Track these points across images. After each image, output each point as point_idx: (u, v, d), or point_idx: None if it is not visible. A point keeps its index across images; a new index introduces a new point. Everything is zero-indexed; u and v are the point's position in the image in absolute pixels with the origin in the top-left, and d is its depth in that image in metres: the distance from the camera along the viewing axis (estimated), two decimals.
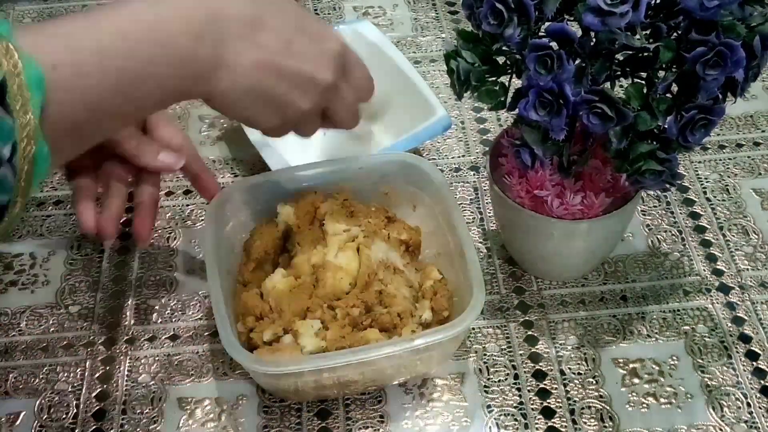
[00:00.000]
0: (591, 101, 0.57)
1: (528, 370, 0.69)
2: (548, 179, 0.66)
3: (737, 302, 0.73)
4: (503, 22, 0.56)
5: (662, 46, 0.56)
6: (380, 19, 1.02)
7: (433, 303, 0.67)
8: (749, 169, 0.84)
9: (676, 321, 0.72)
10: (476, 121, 0.90)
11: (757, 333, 0.71)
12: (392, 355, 0.61)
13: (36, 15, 1.04)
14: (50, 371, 0.70)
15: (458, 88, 0.61)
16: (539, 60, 0.56)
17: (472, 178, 0.84)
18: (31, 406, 0.68)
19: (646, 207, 0.81)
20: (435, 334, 0.61)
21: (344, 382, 0.65)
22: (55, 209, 0.83)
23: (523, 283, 0.75)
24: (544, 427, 0.65)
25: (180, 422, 0.67)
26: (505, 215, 0.72)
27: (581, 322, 0.72)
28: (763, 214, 0.80)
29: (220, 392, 0.68)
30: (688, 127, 0.57)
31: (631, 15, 0.53)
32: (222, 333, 0.61)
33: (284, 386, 0.65)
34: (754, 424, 0.65)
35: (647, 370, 0.69)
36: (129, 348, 0.71)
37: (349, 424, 0.66)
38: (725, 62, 0.54)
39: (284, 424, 0.66)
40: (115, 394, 0.68)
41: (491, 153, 0.71)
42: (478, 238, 0.78)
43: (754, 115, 0.90)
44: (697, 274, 0.75)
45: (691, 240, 0.78)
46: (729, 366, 0.69)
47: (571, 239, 0.69)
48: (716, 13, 0.54)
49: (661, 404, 0.67)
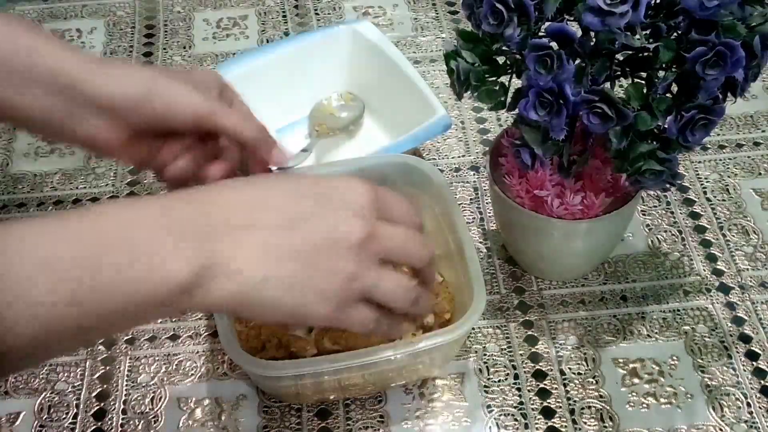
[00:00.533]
0: (591, 101, 0.57)
1: (528, 370, 0.69)
2: (548, 179, 0.66)
3: (737, 302, 0.73)
4: (503, 22, 0.56)
5: (662, 46, 0.56)
6: (380, 19, 1.02)
7: (435, 306, 0.67)
8: (749, 169, 0.84)
9: (676, 321, 0.72)
10: (476, 121, 0.90)
11: (757, 333, 0.71)
12: (393, 358, 0.61)
13: (36, 15, 1.04)
14: (50, 371, 0.70)
15: (458, 88, 0.61)
16: (539, 60, 0.56)
17: (472, 178, 0.84)
18: (31, 406, 0.68)
19: (646, 207, 0.81)
20: (436, 337, 0.61)
21: (345, 385, 0.65)
22: (55, 209, 0.83)
23: (523, 283, 0.75)
24: (544, 427, 0.65)
25: (180, 422, 0.66)
26: (505, 215, 0.72)
27: (581, 322, 0.72)
28: (763, 214, 0.80)
29: (220, 392, 0.68)
30: (688, 127, 0.57)
31: (631, 15, 0.53)
32: (221, 333, 0.61)
33: (284, 389, 0.65)
34: (754, 424, 0.65)
35: (647, 370, 0.69)
36: (129, 348, 0.71)
37: (349, 424, 0.66)
38: (725, 62, 0.54)
39: (284, 424, 0.66)
40: (115, 394, 0.68)
41: (491, 153, 0.71)
42: (478, 238, 0.78)
43: (754, 115, 0.90)
44: (697, 274, 0.75)
45: (691, 240, 0.78)
46: (729, 366, 0.69)
47: (571, 239, 0.69)
48: (716, 13, 0.54)
49: (661, 404, 0.67)
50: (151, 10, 1.04)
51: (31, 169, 0.86)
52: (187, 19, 1.03)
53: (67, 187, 0.84)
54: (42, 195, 0.84)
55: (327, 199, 0.52)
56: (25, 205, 0.83)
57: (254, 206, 0.50)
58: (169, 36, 1.01)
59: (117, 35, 1.01)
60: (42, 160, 0.87)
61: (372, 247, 0.51)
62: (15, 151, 0.88)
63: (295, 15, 1.03)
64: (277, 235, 0.50)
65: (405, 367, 0.66)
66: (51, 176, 0.86)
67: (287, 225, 0.50)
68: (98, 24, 1.03)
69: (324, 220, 0.51)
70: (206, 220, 0.49)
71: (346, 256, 0.50)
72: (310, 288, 0.50)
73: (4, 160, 0.87)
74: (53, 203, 0.83)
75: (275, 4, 1.05)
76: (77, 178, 0.85)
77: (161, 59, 0.98)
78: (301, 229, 0.50)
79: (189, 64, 0.96)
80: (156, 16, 1.04)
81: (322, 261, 0.50)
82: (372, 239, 0.51)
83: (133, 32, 1.02)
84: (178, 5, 1.05)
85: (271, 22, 1.02)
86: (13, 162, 0.87)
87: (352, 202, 0.52)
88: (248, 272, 0.48)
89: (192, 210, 0.49)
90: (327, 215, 0.51)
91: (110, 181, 0.85)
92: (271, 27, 1.02)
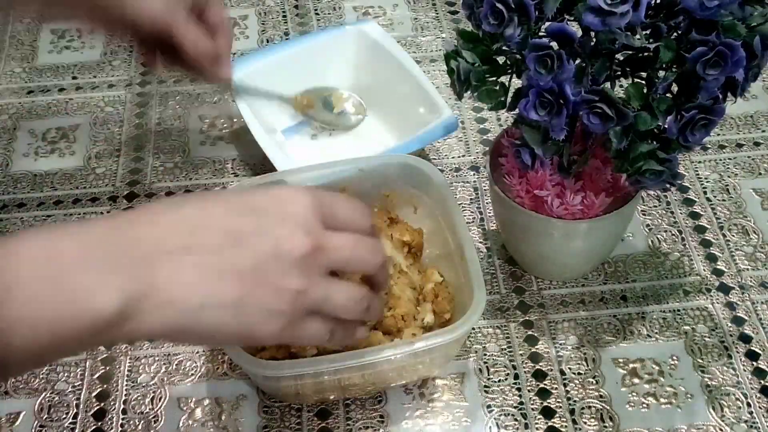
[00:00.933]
0: (591, 101, 0.57)
1: (528, 370, 0.69)
2: (548, 179, 0.66)
3: (737, 302, 0.73)
4: (503, 22, 0.56)
5: (662, 46, 0.56)
6: (380, 19, 1.02)
7: (435, 306, 0.67)
8: (749, 169, 0.84)
9: (676, 321, 0.72)
10: (476, 121, 0.90)
11: (757, 333, 0.71)
12: (394, 358, 0.61)
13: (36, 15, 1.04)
14: (50, 371, 0.70)
15: (458, 88, 0.61)
16: (539, 60, 0.56)
17: (472, 178, 0.84)
18: (31, 406, 0.68)
19: (646, 207, 0.81)
20: (436, 336, 0.61)
21: (345, 385, 0.65)
22: (55, 209, 0.83)
23: (523, 283, 0.75)
24: (544, 427, 0.65)
25: (180, 422, 0.66)
26: (505, 215, 0.72)
27: (581, 322, 0.72)
28: (763, 214, 0.80)
29: (220, 392, 0.68)
30: (688, 127, 0.57)
31: (631, 15, 0.53)
32: None
33: (284, 389, 0.65)
34: (754, 424, 0.65)
35: (647, 370, 0.69)
36: (129, 348, 0.71)
37: (349, 424, 0.66)
38: (725, 62, 0.54)
39: (284, 424, 0.66)
40: (115, 394, 0.68)
41: (491, 153, 0.71)
42: (478, 238, 0.78)
43: (754, 115, 0.90)
44: (697, 274, 0.75)
45: (691, 240, 0.78)
46: (729, 366, 0.69)
47: (571, 239, 0.69)
48: (716, 12, 0.54)
49: (661, 404, 0.67)
50: None
51: (31, 169, 0.86)
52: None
53: (67, 187, 0.84)
54: (42, 195, 0.84)
55: (269, 213, 0.49)
56: (25, 205, 0.83)
57: (191, 227, 0.48)
58: None
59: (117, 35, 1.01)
60: (42, 160, 0.87)
61: (319, 260, 0.49)
62: (15, 151, 0.88)
63: (295, 15, 1.03)
64: (217, 256, 0.47)
65: (405, 367, 0.66)
66: (51, 176, 0.86)
67: (228, 243, 0.48)
68: None
69: (266, 236, 0.48)
70: (136, 247, 0.46)
71: (291, 272, 0.48)
72: (256, 307, 0.48)
73: (4, 160, 0.87)
74: (53, 203, 0.83)
75: (275, 4, 1.05)
76: (77, 178, 0.85)
77: None
78: (242, 247, 0.48)
79: None
80: None
81: (267, 279, 0.48)
82: (318, 252, 0.49)
83: None
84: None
85: (271, 22, 1.02)
86: (13, 162, 0.87)
87: (295, 214, 0.50)
88: (183, 300, 0.46)
89: (120, 238, 0.46)
90: (269, 231, 0.49)
91: (110, 181, 0.85)
92: (271, 27, 1.02)
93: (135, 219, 0.48)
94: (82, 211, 0.82)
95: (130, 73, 0.97)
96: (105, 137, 0.89)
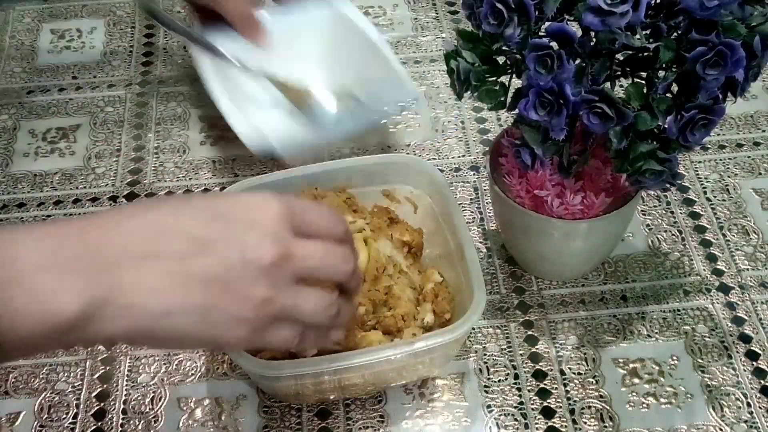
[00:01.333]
0: (591, 101, 0.57)
1: (528, 370, 0.69)
2: (548, 179, 0.66)
3: (737, 302, 0.73)
4: (503, 22, 0.56)
5: (662, 46, 0.56)
6: (380, 19, 1.02)
7: (435, 306, 0.67)
8: (749, 169, 0.84)
9: (676, 321, 0.72)
10: (476, 121, 0.90)
11: (757, 333, 0.71)
12: (394, 358, 0.61)
13: (36, 15, 1.04)
14: (50, 371, 0.70)
15: (458, 88, 0.61)
16: (539, 60, 0.56)
17: (472, 178, 0.84)
18: (31, 405, 0.68)
19: (646, 207, 0.81)
20: (436, 336, 0.61)
21: (345, 385, 0.65)
22: (55, 209, 0.83)
23: (523, 283, 0.75)
24: (544, 427, 0.65)
25: (180, 422, 0.67)
26: (505, 215, 0.72)
27: (581, 322, 0.72)
28: (763, 214, 0.80)
29: (220, 392, 0.68)
30: (688, 127, 0.57)
31: (631, 15, 0.53)
32: None
33: (284, 389, 0.65)
34: (754, 424, 0.65)
35: (647, 370, 0.69)
36: (129, 348, 0.71)
37: (349, 424, 0.66)
38: (725, 62, 0.54)
39: (284, 424, 0.66)
40: (115, 394, 0.68)
41: (491, 153, 0.71)
42: (478, 238, 0.78)
43: (754, 115, 0.90)
44: (697, 274, 0.75)
45: (691, 240, 0.78)
46: (729, 366, 0.69)
47: (571, 239, 0.69)
48: (716, 12, 0.54)
49: (661, 404, 0.67)
50: None
51: (31, 169, 0.86)
52: (187, 18, 1.03)
53: (67, 187, 0.85)
54: (42, 195, 0.84)
55: (237, 220, 0.49)
56: (25, 205, 0.83)
57: (158, 232, 0.47)
58: (169, 36, 1.01)
59: (117, 35, 1.01)
60: (42, 160, 0.87)
61: (287, 267, 0.49)
62: (15, 151, 0.88)
63: None
64: (183, 262, 0.47)
65: (405, 367, 0.66)
66: (51, 176, 0.86)
67: (195, 251, 0.47)
68: (98, 24, 1.03)
69: (233, 244, 0.48)
70: (102, 251, 0.46)
71: (258, 280, 0.48)
72: (221, 314, 0.47)
73: (4, 160, 0.87)
74: (53, 203, 0.83)
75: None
76: (77, 178, 0.85)
77: (161, 59, 0.98)
78: (209, 254, 0.47)
79: (189, 63, 0.96)
80: None
81: (233, 286, 0.47)
82: (286, 260, 0.49)
83: (133, 32, 1.02)
84: (178, 5, 1.05)
85: None
86: (13, 162, 0.87)
87: (263, 221, 0.49)
88: (147, 305, 0.46)
89: (83, 242, 0.46)
90: (237, 237, 0.48)
91: (110, 181, 0.85)
92: None
93: (102, 223, 0.48)
94: (82, 211, 0.82)
95: (130, 73, 0.97)
96: (105, 137, 0.89)
